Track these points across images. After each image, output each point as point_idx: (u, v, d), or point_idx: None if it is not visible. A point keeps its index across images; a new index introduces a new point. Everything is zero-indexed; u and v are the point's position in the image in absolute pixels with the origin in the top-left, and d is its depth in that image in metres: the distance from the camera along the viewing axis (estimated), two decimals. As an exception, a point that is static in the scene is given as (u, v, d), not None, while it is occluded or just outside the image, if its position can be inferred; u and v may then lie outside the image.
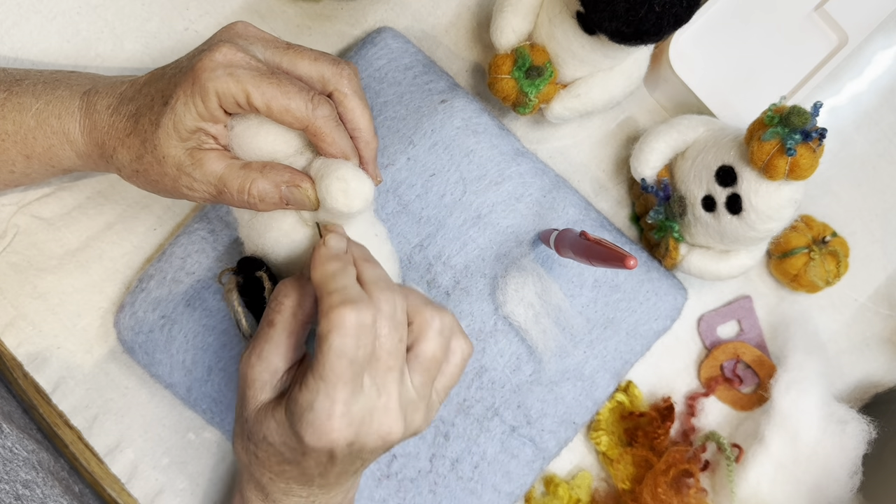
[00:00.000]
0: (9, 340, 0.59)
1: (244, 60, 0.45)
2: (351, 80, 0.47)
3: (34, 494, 0.48)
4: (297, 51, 0.47)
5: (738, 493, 0.59)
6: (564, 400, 0.60)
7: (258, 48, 0.47)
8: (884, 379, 0.66)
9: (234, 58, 0.44)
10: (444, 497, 0.58)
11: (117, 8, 0.62)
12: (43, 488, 0.49)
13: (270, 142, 0.47)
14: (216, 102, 0.44)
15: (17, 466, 0.49)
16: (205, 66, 0.44)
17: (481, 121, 0.61)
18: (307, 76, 0.47)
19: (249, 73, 0.44)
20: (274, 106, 0.44)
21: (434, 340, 0.44)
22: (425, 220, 0.59)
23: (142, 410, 0.60)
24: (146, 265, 0.60)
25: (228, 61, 0.44)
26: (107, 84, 0.51)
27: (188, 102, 0.45)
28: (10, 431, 0.51)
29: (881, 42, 0.69)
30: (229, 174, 0.46)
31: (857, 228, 0.67)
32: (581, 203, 0.62)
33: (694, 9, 0.49)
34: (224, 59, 0.44)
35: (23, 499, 0.48)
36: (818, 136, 0.50)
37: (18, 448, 0.51)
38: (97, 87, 0.51)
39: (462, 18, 0.66)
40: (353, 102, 0.47)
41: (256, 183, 0.46)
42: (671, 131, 0.59)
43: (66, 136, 0.50)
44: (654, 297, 0.62)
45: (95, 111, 0.50)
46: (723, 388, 0.64)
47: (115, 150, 0.49)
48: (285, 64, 0.47)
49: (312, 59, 0.47)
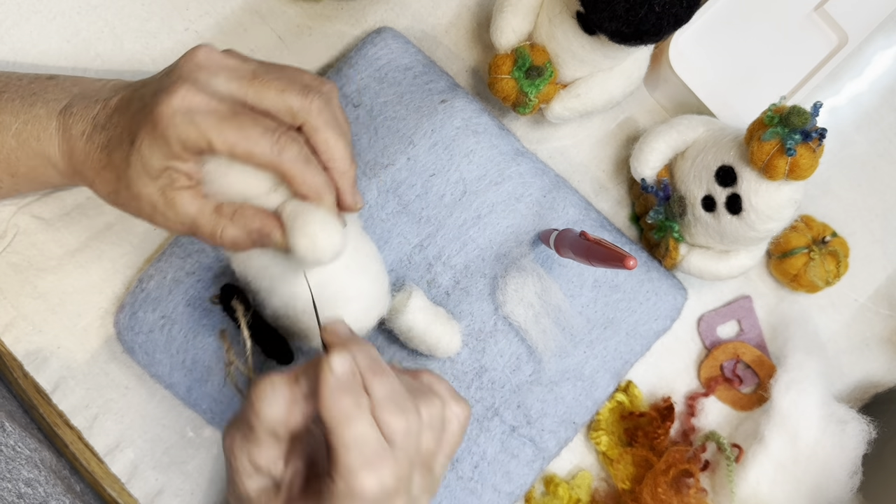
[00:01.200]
0: (9, 340, 0.59)
1: (203, 104, 0.42)
2: (321, 110, 0.44)
3: (36, 493, 0.48)
4: (263, 82, 0.44)
5: (737, 493, 0.59)
6: (564, 400, 0.60)
7: (221, 80, 0.44)
8: (884, 379, 0.66)
9: (192, 101, 0.42)
10: (444, 497, 0.58)
11: (117, 8, 0.62)
12: (45, 486, 0.49)
13: (241, 182, 0.45)
14: (179, 147, 0.43)
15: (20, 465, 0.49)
16: (163, 114, 0.42)
17: (481, 121, 0.61)
18: (274, 110, 0.44)
19: (209, 119, 0.42)
20: (237, 151, 0.42)
21: (426, 435, 0.43)
22: (425, 220, 0.59)
23: (142, 410, 0.60)
24: (146, 265, 0.60)
25: (187, 106, 0.42)
26: (82, 102, 0.49)
27: (152, 146, 0.43)
28: (13, 430, 0.51)
29: (881, 42, 0.69)
30: (200, 218, 0.44)
31: (857, 228, 0.67)
32: (581, 203, 0.62)
33: (694, 9, 0.49)
34: (182, 105, 0.42)
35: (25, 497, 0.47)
36: (818, 136, 0.50)
37: (21, 446, 0.51)
38: (72, 105, 0.49)
39: (462, 18, 0.66)
40: (324, 135, 0.44)
41: (226, 230, 0.44)
42: (671, 131, 0.59)
43: (48, 159, 0.49)
44: (654, 297, 0.62)
45: (72, 136, 0.48)
46: (723, 388, 0.64)
47: (94, 181, 0.48)
48: (251, 98, 0.44)
49: (279, 90, 0.44)
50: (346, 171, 0.46)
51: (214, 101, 0.42)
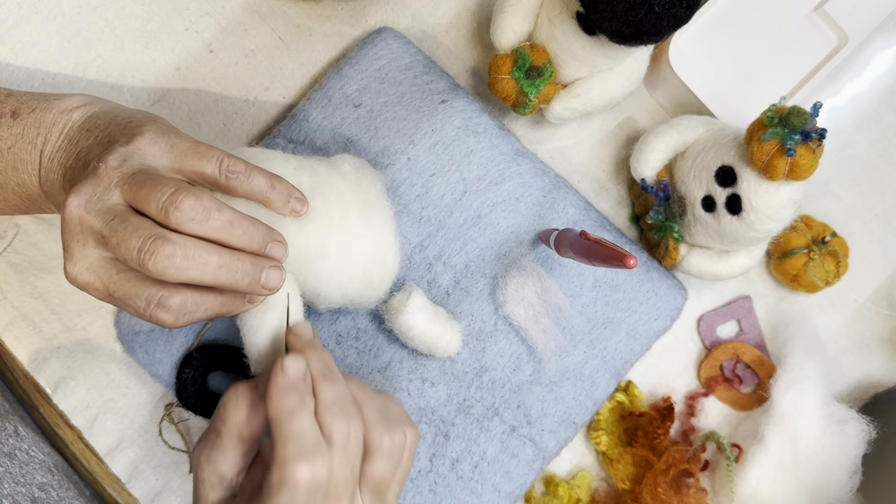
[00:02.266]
0: (9, 340, 0.59)
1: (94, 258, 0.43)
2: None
3: (50, 497, 0.49)
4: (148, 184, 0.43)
5: (737, 493, 0.59)
6: (564, 400, 0.60)
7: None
8: (883, 379, 0.66)
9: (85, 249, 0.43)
10: (444, 497, 0.58)
11: (117, 8, 0.62)
12: (59, 491, 0.49)
13: None
14: None
15: (34, 469, 0.49)
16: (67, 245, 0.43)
17: (481, 121, 0.61)
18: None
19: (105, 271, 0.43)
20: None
21: (382, 462, 0.44)
22: (425, 219, 0.59)
23: (142, 410, 0.60)
24: (146, 265, 0.60)
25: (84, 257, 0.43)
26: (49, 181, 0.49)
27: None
28: (27, 434, 0.51)
29: (881, 42, 0.69)
30: None
31: (856, 228, 0.67)
32: (581, 203, 0.62)
33: (694, 9, 0.49)
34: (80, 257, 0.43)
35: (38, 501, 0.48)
36: (818, 136, 0.50)
37: (35, 451, 0.51)
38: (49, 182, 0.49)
39: (462, 19, 0.66)
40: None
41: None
42: (671, 131, 0.59)
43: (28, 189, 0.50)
44: (654, 297, 0.62)
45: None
46: (723, 388, 0.64)
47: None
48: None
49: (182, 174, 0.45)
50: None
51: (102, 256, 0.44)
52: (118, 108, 0.49)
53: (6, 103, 0.49)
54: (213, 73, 0.63)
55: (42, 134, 0.48)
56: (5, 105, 0.49)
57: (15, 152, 0.48)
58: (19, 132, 0.49)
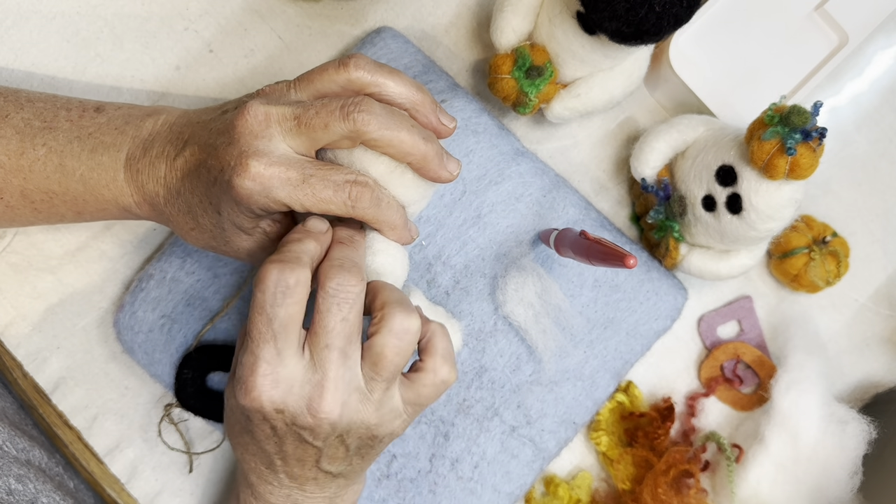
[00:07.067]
0: (9, 340, 0.59)
1: (275, 177, 0.43)
2: (367, 112, 0.44)
3: (27, 489, 0.49)
4: (308, 127, 0.44)
5: (738, 494, 0.59)
6: (564, 400, 0.60)
7: (278, 142, 0.45)
8: (884, 379, 0.66)
9: (264, 178, 0.43)
10: (444, 497, 0.58)
11: (117, 8, 0.62)
12: (35, 483, 0.50)
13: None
14: (264, 212, 0.45)
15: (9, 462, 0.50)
16: (240, 194, 0.43)
17: (481, 120, 0.61)
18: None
19: (284, 190, 0.44)
20: (315, 210, 0.45)
21: (385, 338, 0.43)
22: (425, 219, 0.59)
23: (141, 410, 0.60)
24: (146, 265, 0.60)
25: (261, 184, 0.43)
26: (143, 155, 0.49)
27: (240, 214, 0.45)
28: (2, 429, 0.52)
29: (881, 42, 0.69)
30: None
31: (857, 228, 0.67)
32: (581, 203, 0.62)
33: (694, 9, 0.49)
34: (256, 184, 0.43)
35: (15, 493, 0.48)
36: (818, 135, 0.50)
37: (8, 446, 0.51)
38: (134, 157, 0.49)
39: (462, 18, 0.66)
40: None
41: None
42: (671, 131, 0.59)
43: (123, 207, 0.51)
44: (654, 297, 0.62)
45: (147, 193, 0.49)
46: (723, 389, 0.64)
47: (185, 236, 0.50)
48: (308, 148, 0.45)
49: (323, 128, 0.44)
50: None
51: (283, 169, 0.44)
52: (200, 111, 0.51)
53: (91, 104, 0.52)
54: (212, 72, 0.63)
55: (132, 123, 0.50)
56: (90, 104, 0.52)
57: (97, 137, 0.50)
58: (104, 121, 0.50)
